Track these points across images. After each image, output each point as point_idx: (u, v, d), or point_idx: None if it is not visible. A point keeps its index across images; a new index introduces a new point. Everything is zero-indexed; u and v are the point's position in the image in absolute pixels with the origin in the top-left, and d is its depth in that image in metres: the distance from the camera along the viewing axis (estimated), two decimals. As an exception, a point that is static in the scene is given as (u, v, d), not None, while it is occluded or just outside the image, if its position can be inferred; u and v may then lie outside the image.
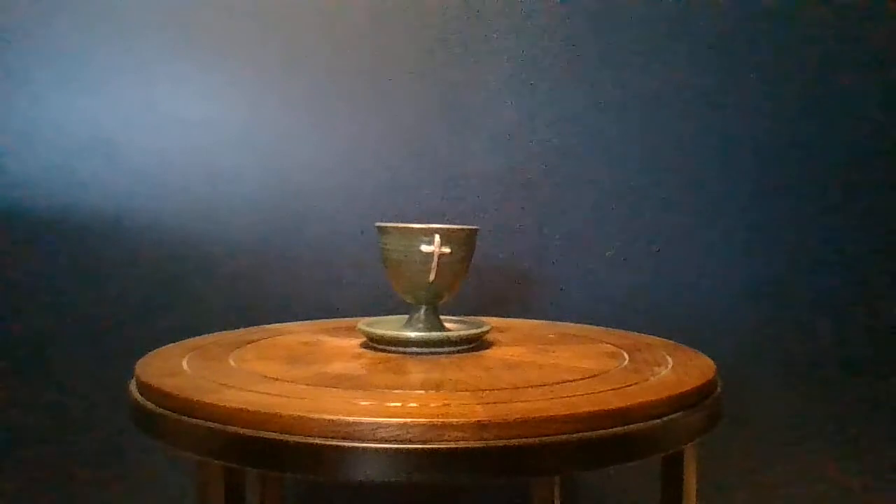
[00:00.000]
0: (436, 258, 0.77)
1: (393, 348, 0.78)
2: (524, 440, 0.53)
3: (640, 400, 0.59)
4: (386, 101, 1.17)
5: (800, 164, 1.21)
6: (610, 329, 0.97)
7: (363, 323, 0.83)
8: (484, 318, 0.97)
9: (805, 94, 1.20)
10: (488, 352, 0.80)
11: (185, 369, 0.69)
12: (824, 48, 1.20)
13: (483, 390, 0.62)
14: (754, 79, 1.20)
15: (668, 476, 0.75)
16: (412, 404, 0.57)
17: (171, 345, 0.81)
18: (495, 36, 1.18)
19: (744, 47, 1.20)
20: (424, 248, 0.77)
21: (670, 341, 0.87)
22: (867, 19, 1.20)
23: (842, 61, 1.20)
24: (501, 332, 0.93)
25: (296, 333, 0.91)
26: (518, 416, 0.54)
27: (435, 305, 0.82)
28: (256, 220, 1.15)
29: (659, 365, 0.73)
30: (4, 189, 1.10)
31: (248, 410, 0.55)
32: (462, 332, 0.79)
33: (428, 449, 0.52)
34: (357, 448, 0.53)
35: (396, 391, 0.61)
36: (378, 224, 0.81)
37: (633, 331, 0.95)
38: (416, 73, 1.17)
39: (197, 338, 0.85)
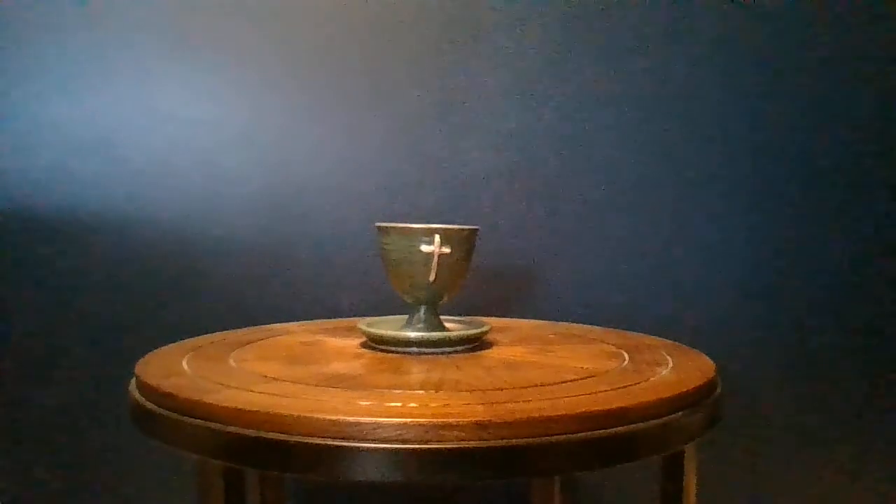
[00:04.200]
0: (436, 258, 0.77)
1: (393, 348, 0.78)
2: (524, 440, 0.53)
3: (641, 400, 0.59)
4: (386, 101, 1.17)
5: (800, 164, 1.21)
6: (610, 329, 0.97)
7: (363, 323, 0.83)
8: (484, 318, 0.97)
9: (805, 94, 1.20)
10: (488, 352, 0.80)
11: (185, 369, 0.69)
12: (825, 48, 1.20)
13: (483, 390, 0.62)
14: (755, 79, 1.20)
15: (668, 476, 0.75)
16: (412, 404, 0.57)
17: (171, 345, 0.81)
18: (495, 36, 1.18)
19: (744, 48, 1.19)
20: (424, 248, 0.77)
21: (670, 341, 0.87)
22: (868, 19, 1.20)
23: (842, 61, 1.20)
24: (501, 332, 0.93)
25: (296, 333, 0.91)
26: (518, 416, 0.54)
27: (435, 305, 0.82)
28: (257, 219, 1.15)
29: (659, 365, 0.73)
30: (4, 189, 1.10)
31: (248, 410, 0.55)
32: (462, 332, 0.79)
33: (428, 449, 0.52)
34: (357, 448, 0.53)
35: (396, 391, 0.61)
36: (378, 224, 0.81)
37: (633, 331, 0.95)
38: (417, 73, 1.17)
39: (197, 338, 0.85)
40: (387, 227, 0.79)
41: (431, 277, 0.77)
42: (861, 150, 1.21)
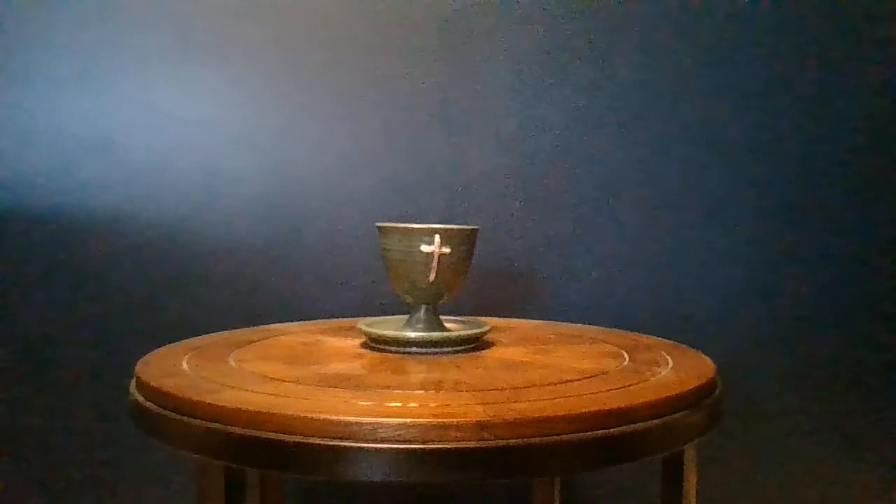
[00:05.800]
0: (436, 258, 0.77)
1: (393, 348, 0.78)
2: (524, 440, 0.53)
3: (641, 400, 0.59)
4: (386, 101, 1.17)
5: (800, 164, 1.21)
6: (610, 329, 0.97)
7: (363, 323, 0.83)
8: (484, 319, 0.97)
9: (805, 94, 1.20)
10: (488, 352, 0.80)
11: (185, 369, 0.69)
12: (825, 48, 1.20)
13: (483, 390, 0.62)
14: (755, 79, 1.20)
15: (668, 476, 0.75)
16: (412, 404, 0.57)
17: (171, 345, 0.81)
18: (494, 36, 1.18)
19: (744, 47, 1.20)
20: (424, 248, 0.77)
21: (670, 341, 0.87)
22: (869, 18, 1.20)
23: (842, 61, 1.20)
24: (501, 332, 0.93)
25: (296, 333, 0.91)
26: (518, 416, 0.54)
27: (435, 305, 0.82)
28: (256, 220, 1.15)
29: (659, 365, 0.73)
30: (5, 189, 1.10)
31: (248, 410, 0.55)
32: (462, 332, 0.79)
33: (428, 449, 0.52)
34: (357, 448, 0.53)
35: (396, 391, 0.61)
36: (378, 224, 0.81)
37: (633, 331, 0.95)
38: (416, 74, 1.17)
39: (197, 338, 0.85)
40: (387, 227, 0.79)
41: (431, 277, 0.77)
42: (862, 150, 1.21)
